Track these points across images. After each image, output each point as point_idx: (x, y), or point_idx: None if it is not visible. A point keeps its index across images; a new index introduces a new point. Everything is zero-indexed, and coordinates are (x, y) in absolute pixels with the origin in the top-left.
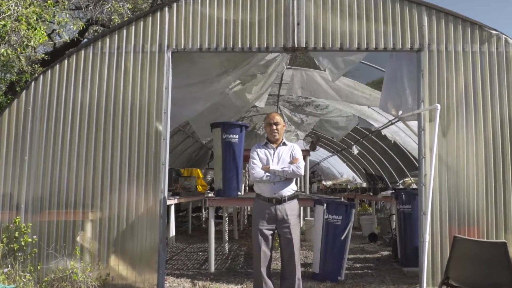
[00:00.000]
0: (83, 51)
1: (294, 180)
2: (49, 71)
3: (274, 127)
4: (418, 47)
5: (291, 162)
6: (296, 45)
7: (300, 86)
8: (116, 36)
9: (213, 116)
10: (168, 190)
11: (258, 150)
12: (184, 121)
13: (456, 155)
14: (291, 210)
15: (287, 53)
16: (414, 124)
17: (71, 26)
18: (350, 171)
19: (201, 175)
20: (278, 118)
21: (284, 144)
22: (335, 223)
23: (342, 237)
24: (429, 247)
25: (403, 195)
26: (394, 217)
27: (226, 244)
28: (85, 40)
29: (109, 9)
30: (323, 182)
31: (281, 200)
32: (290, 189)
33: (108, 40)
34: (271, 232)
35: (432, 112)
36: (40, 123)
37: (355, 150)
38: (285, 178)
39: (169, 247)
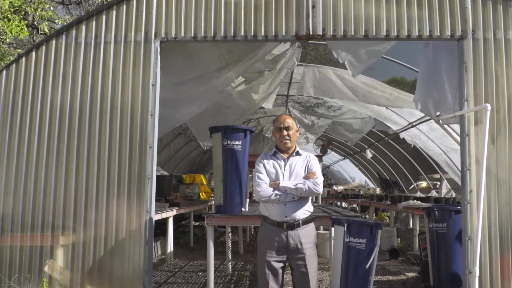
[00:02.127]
0: (54, 41)
1: (310, 199)
2: (14, 65)
3: (285, 132)
4: (460, 34)
5: (306, 177)
6: (311, 33)
7: (312, 85)
8: (94, 23)
9: (215, 119)
10: (166, 200)
11: (265, 161)
12: (176, 126)
13: (509, 167)
14: (306, 237)
15: (299, 43)
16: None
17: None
18: (363, 175)
19: (204, 181)
20: (289, 121)
21: (298, 153)
22: (358, 247)
23: (367, 266)
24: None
25: (436, 212)
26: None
27: (230, 263)
28: None
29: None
30: (334, 187)
31: (294, 225)
32: (305, 211)
33: (84, 27)
34: (281, 264)
35: (479, 113)
36: (1, 128)
37: (369, 154)
38: (299, 197)
39: (166, 264)
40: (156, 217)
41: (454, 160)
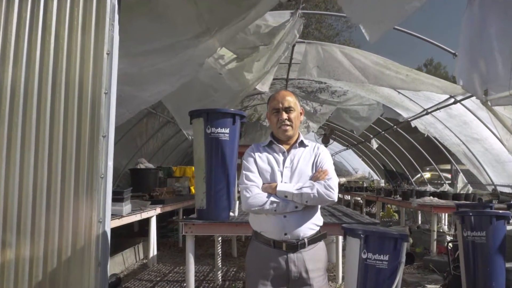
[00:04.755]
0: None
1: (319, 208)
2: None
3: (285, 115)
4: None
5: (315, 177)
6: None
7: (315, 65)
8: None
9: (202, 103)
10: (151, 196)
11: (257, 155)
12: (142, 108)
13: None
14: (314, 262)
15: (301, 12)
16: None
17: None
18: (366, 166)
19: None
20: (291, 100)
21: (302, 144)
22: (378, 266)
23: None
24: None
25: (473, 218)
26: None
27: (220, 272)
28: None
29: None
30: None
31: (296, 246)
32: (312, 225)
33: None
34: None
35: None
36: None
37: (375, 144)
38: (304, 206)
39: (147, 271)
40: (134, 218)
41: (474, 151)
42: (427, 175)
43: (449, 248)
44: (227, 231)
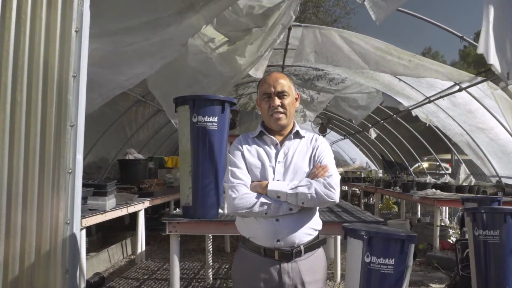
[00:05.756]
0: None
1: (318, 210)
2: None
3: (277, 101)
4: None
5: (313, 174)
6: None
7: (312, 50)
8: None
9: (191, 90)
10: (140, 189)
11: (245, 148)
12: (117, 94)
13: None
14: (312, 272)
15: None
16: None
17: None
18: (364, 156)
19: None
20: (284, 82)
21: (298, 135)
22: (383, 271)
23: None
24: None
25: (485, 215)
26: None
27: (210, 270)
28: None
29: None
30: None
31: (291, 254)
32: (309, 230)
33: None
34: None
35: None
36: None
37: (373, 134)
38: (300, 208)
39: (135, 268)
40: (120, 212)
41: (478, 141)
42: (425, 164)
43: (458, 247)
44: (216, 230)
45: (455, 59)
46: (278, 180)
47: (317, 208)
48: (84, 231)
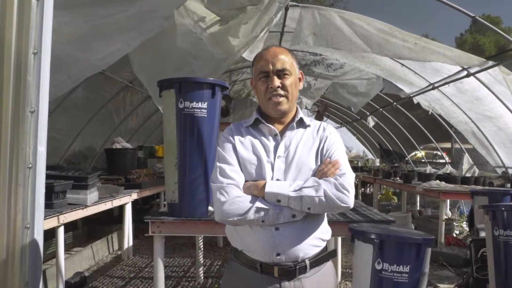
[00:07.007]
0: None
1: (326, 216)
2: None
3: (277, 81)
4: None
5: (321, 172)
6: None
7: (311, 32)
8: None
9: (180, 73)
10: (127, 180)
11: (238, 139)
12: (89, 75)
13: None
14: None
15: None
16: None
17: None
18: (361, 145)
19: None
20: (285, 59)
21: (302, 124)
22: (396, 279)
23: None
24: None
25: (505, 213)
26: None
27: (201, 268)
28: None
29: None
30: None
31: (294, 271)
32: (316, 240)
33: None
34: None
35: None
36: None
37: (371, 122)
38: (305, 214)
39: (120, 266)
40: (104, 206)
41: (484, 130)
42: (422, 153)
43: (472, 248)
44: (205, 231)
45: (452, 46)
46: (278, 180)
47: (325, 215)
48: (62, 228)
